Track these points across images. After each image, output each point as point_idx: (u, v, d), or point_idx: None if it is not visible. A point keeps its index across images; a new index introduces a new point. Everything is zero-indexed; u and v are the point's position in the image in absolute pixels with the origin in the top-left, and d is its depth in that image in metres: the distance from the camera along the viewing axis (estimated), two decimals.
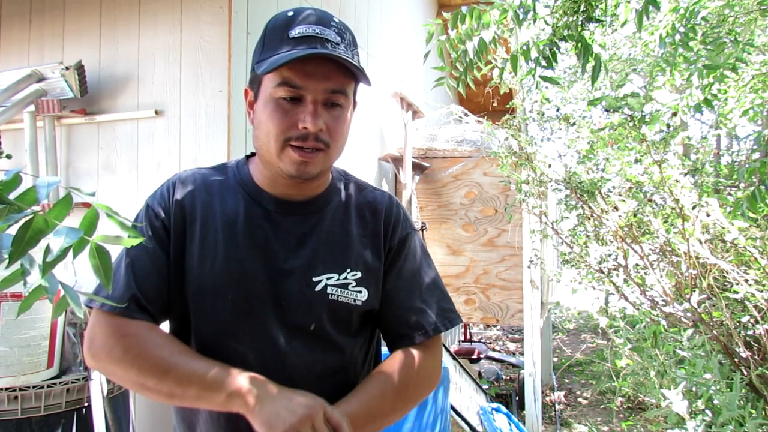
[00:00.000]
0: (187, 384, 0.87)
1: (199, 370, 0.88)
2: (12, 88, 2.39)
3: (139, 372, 0.88)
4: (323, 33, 0.91)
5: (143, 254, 0.95)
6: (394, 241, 1.07)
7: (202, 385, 0.87)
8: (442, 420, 2.59)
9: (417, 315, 1.04)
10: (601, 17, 1.98)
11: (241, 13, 2.42)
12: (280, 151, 0.94)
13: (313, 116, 0.91)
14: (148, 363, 0.88)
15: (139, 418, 2.34)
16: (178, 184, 1.02)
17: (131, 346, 0.89)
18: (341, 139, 0.97)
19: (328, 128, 0.93)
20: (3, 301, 1.71)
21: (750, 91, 3.22)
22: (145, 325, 0.92)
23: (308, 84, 0.91)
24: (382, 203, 1.09)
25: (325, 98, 0.93)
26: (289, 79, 0.91)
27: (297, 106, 0.92)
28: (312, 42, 0.90)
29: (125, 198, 2.50)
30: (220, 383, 0.86)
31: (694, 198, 2.64)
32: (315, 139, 0.92)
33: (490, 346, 7.24)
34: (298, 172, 0.94)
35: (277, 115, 0.92)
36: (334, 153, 0.97)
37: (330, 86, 0.92)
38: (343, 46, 0.92)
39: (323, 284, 0.98)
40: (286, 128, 0.92)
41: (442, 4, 6.34)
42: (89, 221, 0.53)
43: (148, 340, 0.90)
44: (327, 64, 0.91)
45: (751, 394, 2.41)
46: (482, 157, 4.18)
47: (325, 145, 0.94)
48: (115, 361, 0.90)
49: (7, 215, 0.51)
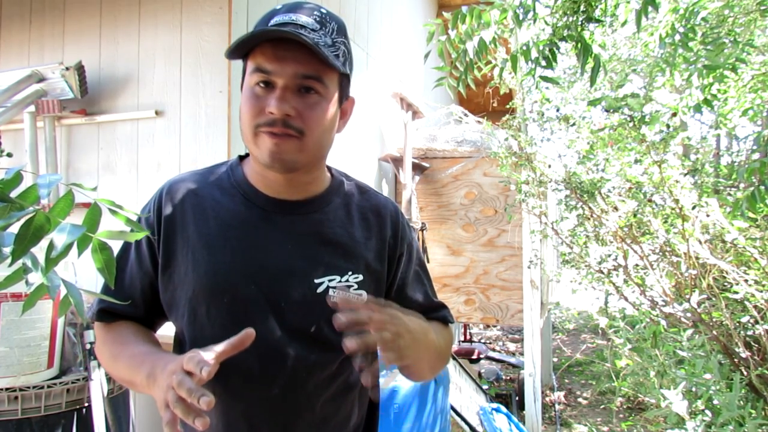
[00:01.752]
0: (126, 371, 0.95)
1: (131, 356, 0.94)
2: (12, 89, 2.39)
3: (107, 366, 1.02)
4: (299, 20, 0.90)
5: (124, 263, 1.03)
6: (403, 247, 1.09)
7: (131, 372, 0.93)
8: (442, 420, 2.59)
9: (435, 309, 1.14)
10: (601, 17, 1.98)
11: (241, 13, 2.42)
12: (253, 137, 0.92)
13: (278, 100, 0.88)
14: (109, 356, 1.00)
15: (139, 418, 2.34)
16: (167, 192, 1.01)
17: (106, 345, 1.01)
18: (317, 128, 0.93)
19: (300, 114, 0.90)
20: (3, 301, 1.71)
21: (750, 91, 3.23)
22: (119, 324, 1.02)
23: (278, 68, 0.89)
24: (388, 208, 1.10)
25: (298, 83, 0.90)
26: (260, 65, 0.90)
27: (269, 92, 0.90)
28: (283, 27, 0.89)
29: (125, 198, 2.49)
30: (138, 369, 0.91)
31: (693, 198, 2.64)
32: (283, 124, 0.89)
33: (490, 346, 7.24)
34: (272, 160, 0.92)
35: (250, 102, 0.91)
36: (310, 143, 0.93)
37: (300, 70, 0.89)
38: (320, 33, 0.90)
39: (325, 286, 0.97)
40: (256, 114, 0.91)
41: (442, 4, 6.34)
42: (92, 217, 0.53)
43: (115, 336, 1.00)
44: (299, 48, 0.88)
45: (750, 395, 2.41)
46: (482, 157, 4.18)
47: (296, 131, 0.90)
48: (100, 358, 1.04)
49: (8, 213, 0.51)
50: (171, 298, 0.99)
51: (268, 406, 0.95)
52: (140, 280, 1.00)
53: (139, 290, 1.01)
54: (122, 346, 0.97)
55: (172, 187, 1.02)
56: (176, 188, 1.01)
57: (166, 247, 0.98)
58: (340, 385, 1.01)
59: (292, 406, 0.96)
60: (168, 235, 0.98)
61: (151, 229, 0.99)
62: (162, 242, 0.98)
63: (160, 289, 1.00)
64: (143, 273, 1.00)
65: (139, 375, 0.88)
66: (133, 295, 1.00)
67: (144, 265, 1.00)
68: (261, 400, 0.95)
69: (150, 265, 1.00)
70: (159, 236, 0.98)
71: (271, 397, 0.95)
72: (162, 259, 0.98)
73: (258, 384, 0.94)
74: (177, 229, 0.98)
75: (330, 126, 0.96)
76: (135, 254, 1.01)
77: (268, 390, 0.94)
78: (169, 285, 0.98)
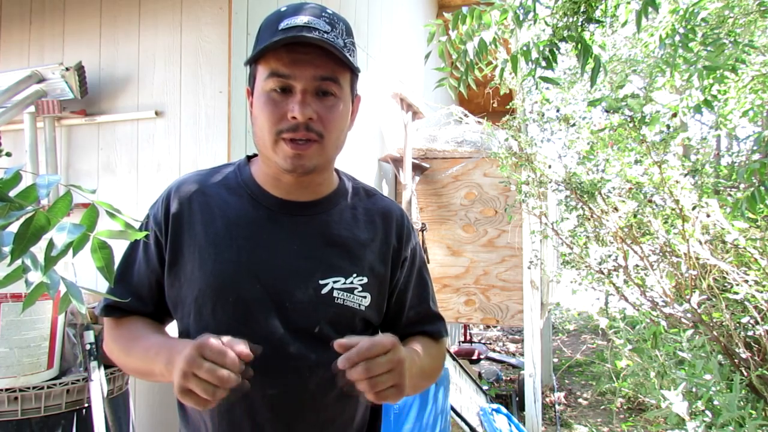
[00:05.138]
0: (142, 363, 0.96)
1: (146, 349, 0.95)
2: (12, 89, 2.38)
3: (118, 360, 1.03)
4: (311, 23, 0.90)
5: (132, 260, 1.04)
6: (407, 251, 1.09)
7: (148, 362, 0.93)
8: (442, 421, 2.59)
9: (431, 320, 1.14)
10: (601, 18, 1.98)
11: (241, 13, 2.42)
12: (273, 144, 0.93)
13: (301, 105, 0.89)
14: (120, 351, 1.01)
15: (139, 418, 2.34)
16: (176, 190, 1.02)
17: (117, 341, 1.02)
18: (336, 129, 0.94)
19: (320, 118, 0.91)
20: (3, 301, 1.71)
21: (750, 91, 3.22)
22: (128, 319, 1.03)
23: (295, 72, 0.89)
24: (394, 212, 1.10)
25: (316, 86, 0.91)
26: (276, 69, 0.90)
27: (287, 97, 0.91)
28: (299, 31, 0.89)
29: (125, 199, 2.49)
30: (154, 357, 0.91)
31: (694, 199, 2.64)
32: (306, 128, 0.90)
33: (490, 346, 7.23)
34: (293, 166, 0.93)
35: (269, 108, 0.92)
36: (329, 145, 0.94)
37: (318, 73, 0.90)
38: (333, 35, 0.90)
39: (329, 287, 0.97)
40: (276, 120, 0.91)
41: (442, 5, 6.34)
42: (90, 218, 0.53)
43: (126, 332, 1.02)
44: (314, 51, 0.89)
45: (751, 395, 2.41)
46: (482, 157, 4.17)
47: (317, 135, 0.92)
48: (110, 354, 1.05)
49: (7, 212, 0.51)
50: (177, 296, 0.99)
51: (272, 406, 0.95)
52: (148, 277, 1.02)
53: (147, 287, 1.02)
54: (134, 340, 0.99)
55: (181, 186, 1.03)
56: (184, 187, 1.02)
57: (173, 245, 0.99)
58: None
59: (296, 406, 0.96)
60: (175, 233, 0.99)
61: (159, 226, 1.00)
62: (169, 240, 0.99)
63: (166, 287, 1.01)
64: (150, 270, 1.01)
65: (158, 364, 0.89)
66: (141, 292, 1.02)
67: (151, 262, 1.01)
68: (264, 399, 0.95)
69: (157, 262, 1.01)
70: (167, 234, 0.99)
71: (275, 396, 0.95)
72: (169, 257, 0.99)
73: (261, 383, 0.94)
74: (184, 228, 0.99)
75: (346, 126, 0.99)
76: (143, 251, 1.02)
77: (272, 389, 0.95)
78: (175, 283, 0.99)
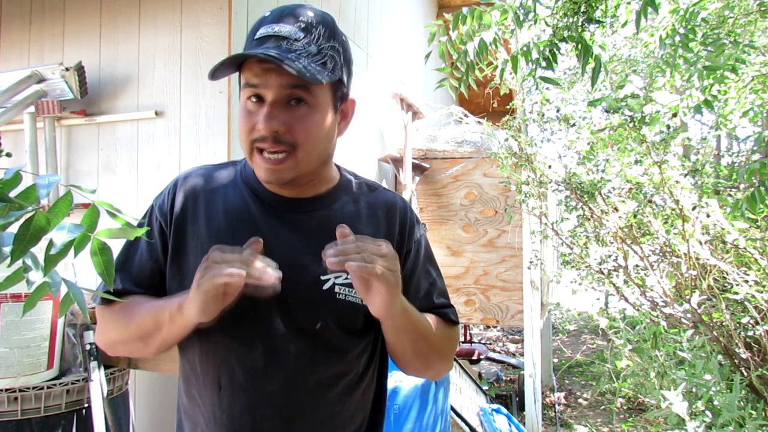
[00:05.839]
0: (149, 320, 0.94)
1: (153, 305, 0.95)
2: (12, 89, 2.38)
3: (118, 336, 1.01)
4: (280, 31, 0.89)
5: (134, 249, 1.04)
6: (411, 243, 1.09)
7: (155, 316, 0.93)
8: (442, 421, 2.59)
9: (438, 308, 1.11)
10: (602, 18, 1.98)
11: (241, 14, 2.42)
12: (250, 154, 0.94)
13: (266, 117, 0.89)
14: (121, 326, 0.99)
15: (139, 418, 2.34)
16: (181, 183, 1.04)
17: (115, 319, 1.01)
18: (311, 139, 0.93)
19: (290, 128, 0.90)
20: (3, 302, 1.71)
21: (750, 92, 3.22)
22: (126, 299, 1.01)
23: (264, 81, 0.89)
24: (397, 204, 1.10)
25: (286, 95, 0.90)
26: (248, 79, 0.90)
27: (260, 107, 0.91)
28: (267, 42, 0.89)
29: (125, 199, 2.50)
30: (163, 306, 0.91)
31: (694, 199, 2.64)
32: (274, 140, 0.90)
33: (490, 347, 7.23)
34: (268, 178, 0.94)
35: (243, 119, 0.93)
36: (304, 156, 0.93)
37: (285, 81, 0.88)
38: (304, 42, 0.89)
39: (331, 283, 0.97)
40: (249, 130, 0.92)
41: (442, 5, 6.34)
42: (90, 219, 0.53)
43: (123, 306, 1.00)
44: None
45: (751, 395, 2.41)
46: (482, 158, 4.17)
47: (289, 146, 0.91)
48: (105, 335, 1.03)
49: (7, 213, 0.51)
50: (178, 288, 0.99)
51: (271, 402, 0.95)
52: (150, 266, 1.02)
53: (148, 275, 1.02)
54: (136, 306, 0.98)
55: (186, 179, 1.04)
56: (190, 181, 1.04)
57: (176, 238, 1.00)
58: (345, 385, 1.00)
59: (295, 403, 0.96)
60: (179, 226, 1.00)
61: (164, 217, 1.01)
62: (173, 232, 1.00)
63: (168, 278, 1.01)
64: (153, 260, 1.02)
65: (168, 307, 0.90)
66: (141, 280, 1.02)
67: (154, 251, 1.02)
68: (264, 395, 0.95)
69: (161, 251, 1.01)
70: (170, 226, 1.00)
71: (275, 393, 0.95)
72: (172, 248, 1.00)
73: (261, 379, 0.95)
74: (188, 221, 1.00)
75: (326, 134, 0.96)
76: (146, 240, 1.03)
77: (272, 385, 0.95)
78: (176, 275, 1.00)
